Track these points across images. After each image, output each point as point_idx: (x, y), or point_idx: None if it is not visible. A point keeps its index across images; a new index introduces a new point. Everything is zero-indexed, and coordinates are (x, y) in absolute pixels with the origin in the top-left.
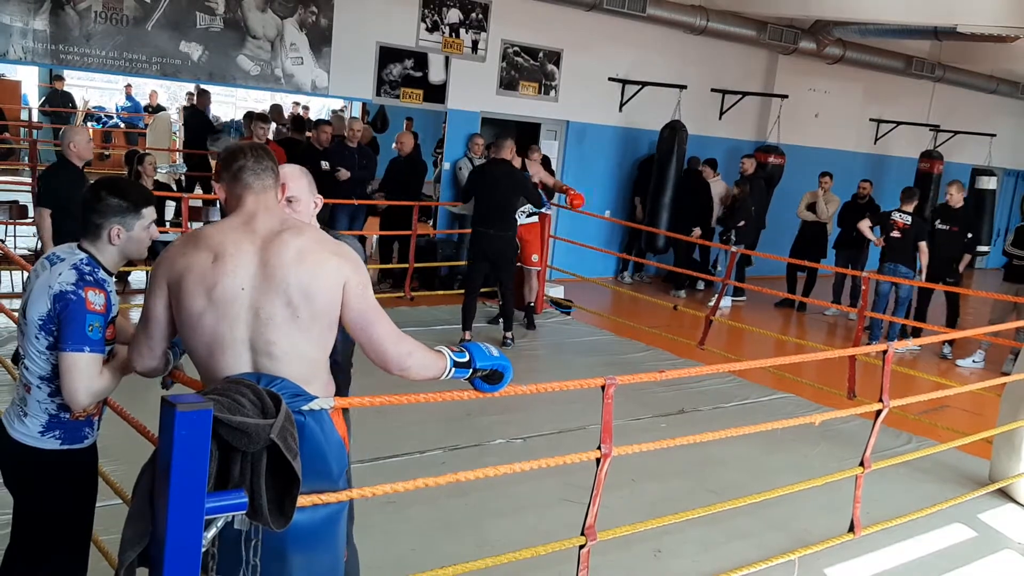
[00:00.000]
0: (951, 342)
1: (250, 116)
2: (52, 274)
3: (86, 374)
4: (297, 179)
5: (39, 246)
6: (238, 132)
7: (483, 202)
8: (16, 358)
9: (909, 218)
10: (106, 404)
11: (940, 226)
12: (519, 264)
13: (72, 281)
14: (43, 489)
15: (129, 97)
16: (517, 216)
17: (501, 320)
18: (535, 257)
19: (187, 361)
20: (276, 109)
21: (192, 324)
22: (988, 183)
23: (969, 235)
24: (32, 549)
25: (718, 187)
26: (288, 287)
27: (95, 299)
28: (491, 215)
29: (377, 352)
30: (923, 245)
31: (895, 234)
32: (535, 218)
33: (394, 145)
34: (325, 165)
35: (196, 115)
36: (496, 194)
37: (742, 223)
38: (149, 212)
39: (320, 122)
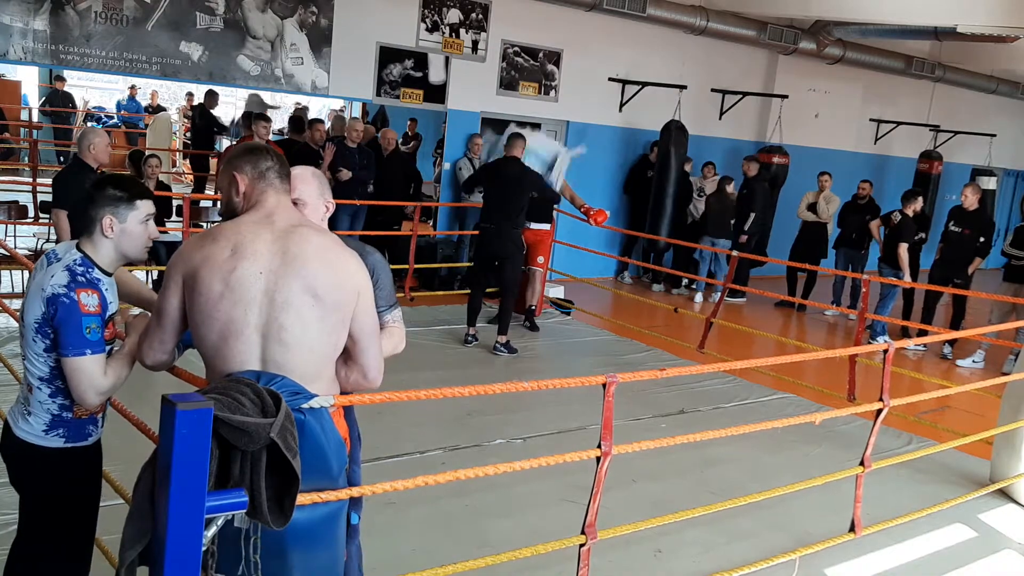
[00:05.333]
0: (952, 342)
1: (249, 116)
2: (46, 275)
3: (91, 376)
4: (306, 182)
5: (40, 246)
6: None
7: (490, 199)
8: None
9: (899, 218)
10: (108, 401)
11: (952, 228)
12: (524, 266)
13: (64, 283)
14: (48, 487)
15: (132, 99)
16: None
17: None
18: (540, 259)
19: (186, 360)
20: (297, 120)
21: (207, 311)
22: (987, 183)
23: (981, 239)
24: (37, 546)
25: (714, 187)
26: (307, 275)
27: (88, 300)
28: (497, 212)
29: (361, 366)
30: (901, 247)
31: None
32: (547, 225)
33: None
34: (320, 161)
35: (204, 116)
36: (506, 192)
37: (700, 213)
38: (144, 205)
39: (313, 121)
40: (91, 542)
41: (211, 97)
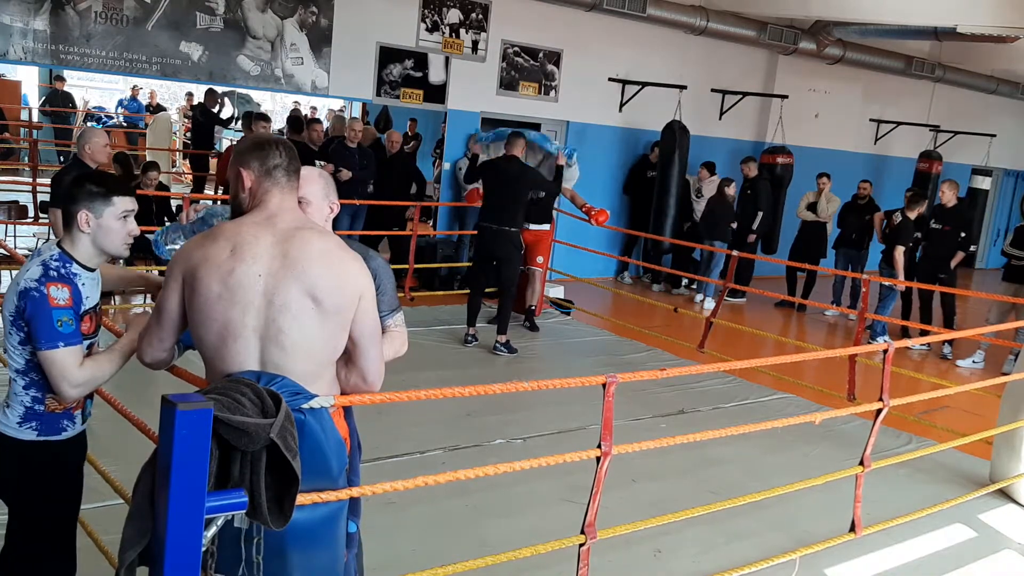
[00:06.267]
0: (951, 342)
1: (249, 115)
2: (23, 270)
3: (64, 369)
4: (311, 182)
5: (40, 246)
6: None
7: (489, 198)
8: None
9: (899, 219)
10: (94, 397)
11: (934, 226)
12: (524, 266)
13: (36, 277)
14: (21, 480)
15: (134, 99)
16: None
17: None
18: (540, 259)
19: (186, 360)
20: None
21: (206, 311)
22: (982, 183)
23: (962, 234)
24: (17, 544)
25: (711, 188)
26: (308, 278)
27: (57, 294)
28: (497, 211)
29: (361, 369)
30: (897, 250)
31: (886, 231)
32: (546, 225)
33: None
34: (320, 165)
35: (205, 114)
36: (504, 190)
37: (700, 215)
38: (121, 201)
39: (311, 121)
40: (72, 540)
41: (211, 96)
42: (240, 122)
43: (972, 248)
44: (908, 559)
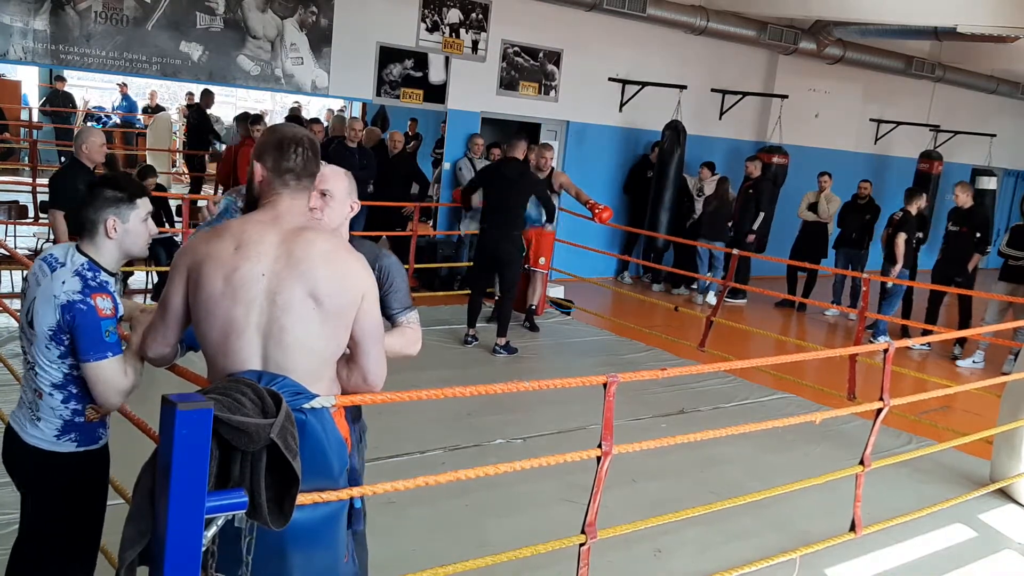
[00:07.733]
0: (961, 344)
1: (246, 117)
2: (55, 282)
3: (113, 378)
4: (338, 179)
5: (40, 246)
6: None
7: (491, 201)
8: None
9: (901, 214)
10: None
11: (951, 228)
12: (527, 266)
13: (78, 289)
14: (61, 490)
15: (125, 96)
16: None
17: (496, 325)
18: (543, 260)
19: (187, 360)
20: (295, 120)
21: (209, 308)
22: (988, 183)
23: (978, 235)
24: (45, 548)
25: (712, 187)
26: (311, 279)
27: (104, 304)
28: (498, 214)
29: (362, 368)
30: (899, 236)
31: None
32: (551, 224)
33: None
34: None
35: (199, 116)
36: (506, 193)
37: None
38: (143, 203)
39: (310, 121)
40: (97, 544)
41: (207, 96)
42: (237, 125)
43: (989, 250)
44: (908, 559)
